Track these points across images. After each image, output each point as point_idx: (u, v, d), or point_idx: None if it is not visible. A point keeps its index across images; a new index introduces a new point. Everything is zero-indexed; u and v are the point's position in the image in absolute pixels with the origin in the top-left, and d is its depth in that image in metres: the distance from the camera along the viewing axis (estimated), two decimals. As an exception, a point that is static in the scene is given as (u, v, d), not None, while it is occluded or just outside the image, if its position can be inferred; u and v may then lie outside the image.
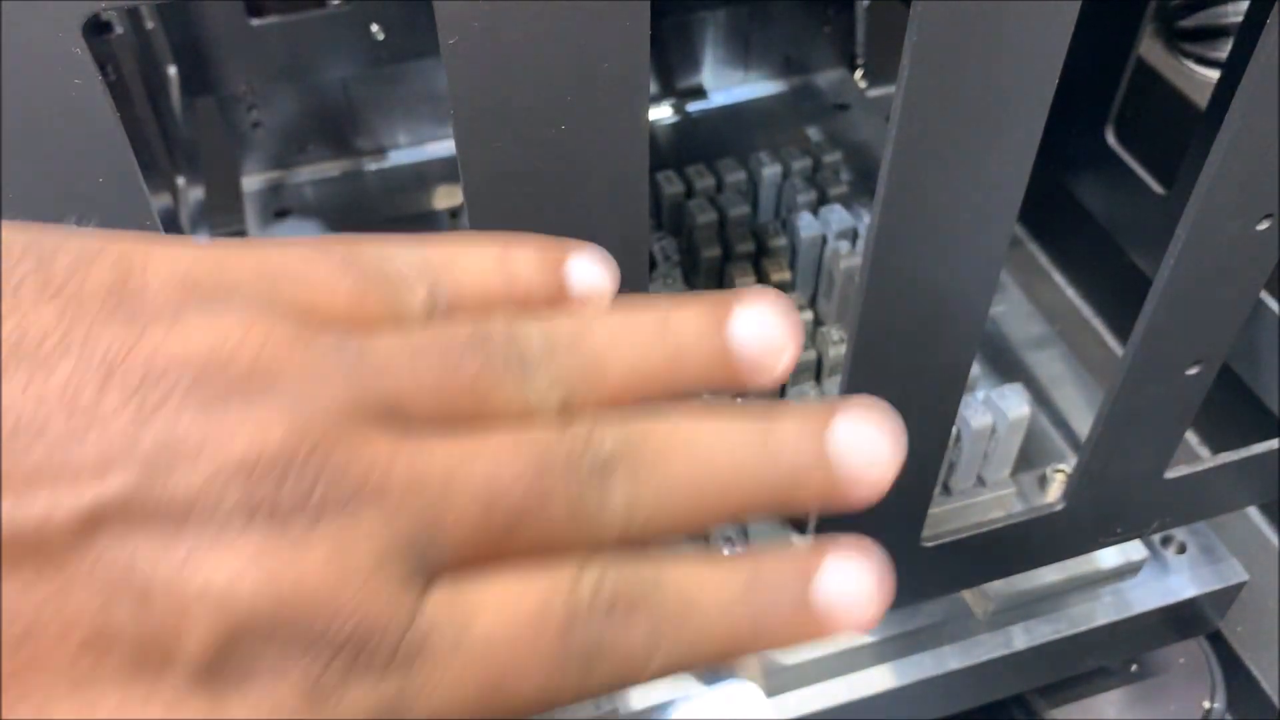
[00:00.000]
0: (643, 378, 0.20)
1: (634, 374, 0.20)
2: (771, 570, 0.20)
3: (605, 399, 0.19)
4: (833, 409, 0.20)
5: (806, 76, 0.88)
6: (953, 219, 0.34)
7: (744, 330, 0.20)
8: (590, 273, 0.22)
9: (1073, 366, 0.69)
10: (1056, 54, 0.30)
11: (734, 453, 0.20)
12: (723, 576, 0.20)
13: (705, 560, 0.20)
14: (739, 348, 0.20)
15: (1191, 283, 0.39)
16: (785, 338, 0.21)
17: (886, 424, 0.20)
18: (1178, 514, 0.54)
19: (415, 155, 0.81)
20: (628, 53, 0.26)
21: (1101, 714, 0.68)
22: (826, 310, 0.64)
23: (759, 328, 0.20)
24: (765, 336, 0.20)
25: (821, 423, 0.20)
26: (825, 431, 0.20)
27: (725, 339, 0.20)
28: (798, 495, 0.20)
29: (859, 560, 0.20)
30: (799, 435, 0.20)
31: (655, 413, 0.20)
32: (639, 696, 0.56)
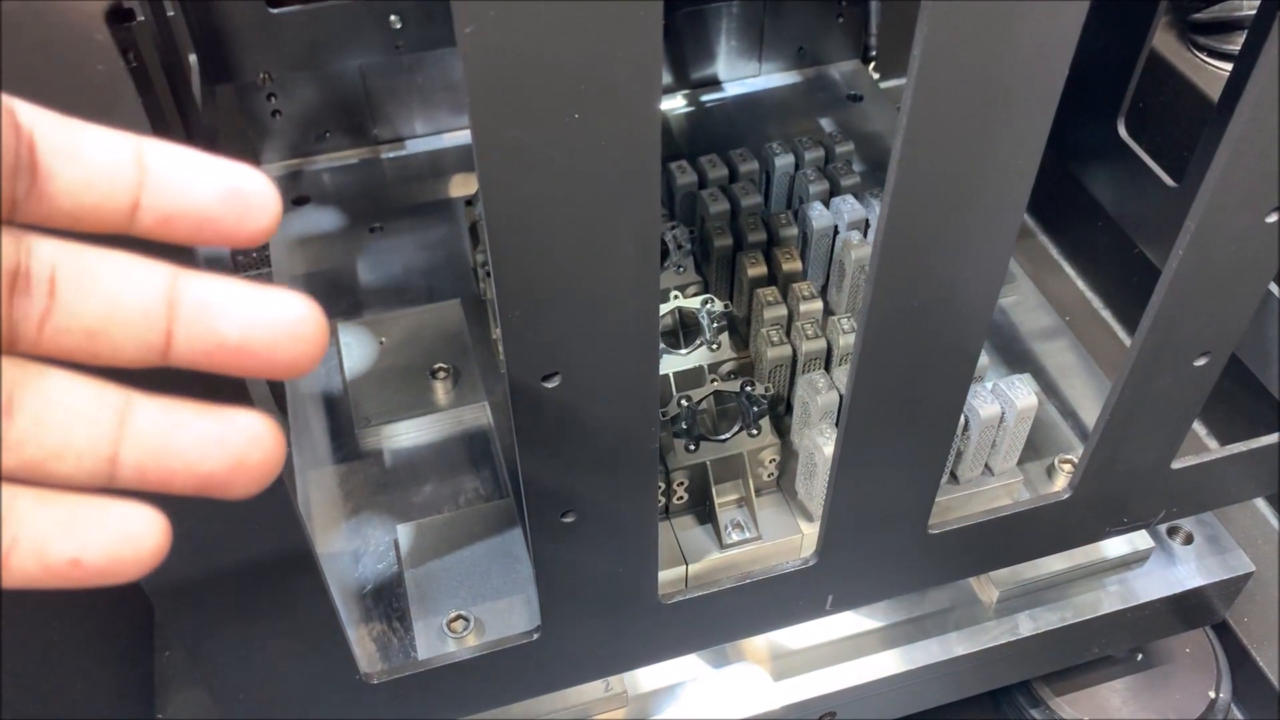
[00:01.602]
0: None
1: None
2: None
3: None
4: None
5: (820, 68, 0.88)
6: (963, 210, 0.34)
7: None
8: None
9: (1082, 357, 0.69)
10: (1067, 46, 0.31)
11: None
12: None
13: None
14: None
15: (1200, 274, 0.40)
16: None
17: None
18: (1185, 504, 0.54)
19: (432, 144, 0.82)
20: (641, 43, 0.27)
21: (1107, 702, 0.68)
22: (837, 300, 0.65)
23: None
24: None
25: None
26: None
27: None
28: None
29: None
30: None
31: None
32: (646, 679, 0.57)
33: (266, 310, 0.23)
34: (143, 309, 0.22)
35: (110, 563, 0.22)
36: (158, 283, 0.22)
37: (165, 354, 0.23)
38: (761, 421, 0.55)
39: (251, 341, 0.23)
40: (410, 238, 0.76)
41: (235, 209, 0.22)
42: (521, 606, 0.55)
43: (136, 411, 0.22)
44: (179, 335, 0.22)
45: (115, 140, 0.22)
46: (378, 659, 0.54)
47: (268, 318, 0.23)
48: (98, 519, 0.22)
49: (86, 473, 0.22)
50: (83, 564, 0.22)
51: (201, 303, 0.22)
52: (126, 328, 0.22)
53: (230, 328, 0.22)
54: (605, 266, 0.31)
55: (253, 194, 0.22)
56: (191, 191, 0.22)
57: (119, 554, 0.22)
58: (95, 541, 0.22)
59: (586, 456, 0.38)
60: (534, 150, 0.28)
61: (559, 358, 0.34)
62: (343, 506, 0.61)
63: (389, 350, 0.66)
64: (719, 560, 0.55)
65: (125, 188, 0.22)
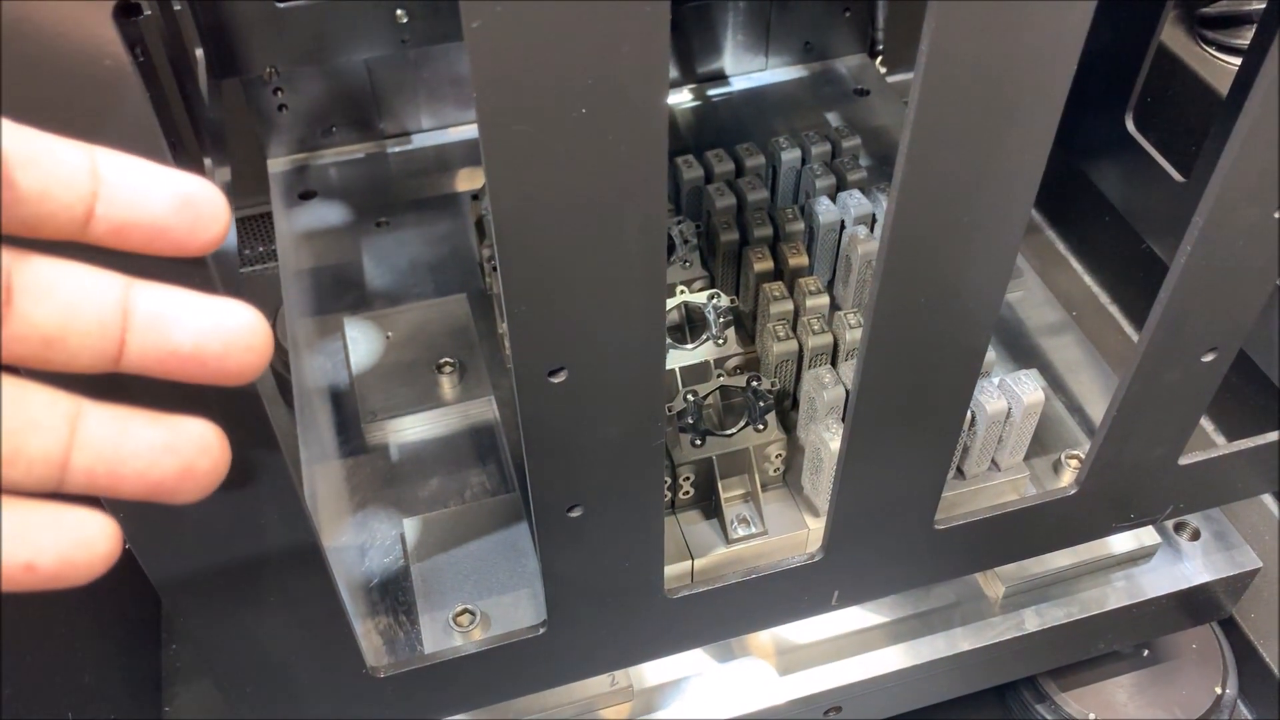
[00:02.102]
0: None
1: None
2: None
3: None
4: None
5: (826, 62, 0.88)
6: (970, 205, 0.34)
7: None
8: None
9: (1088, 353, 0.69)
10: (1075, 42, 0.31)
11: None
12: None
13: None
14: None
15: (1208, 270, 0.40)
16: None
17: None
18: (1191, 500, 0.54)
19: (438, 138, 0.82)
20: (648, 37, 0.27)
21: (1113, 698, 0.68)
22: (843, 295, 0.64)
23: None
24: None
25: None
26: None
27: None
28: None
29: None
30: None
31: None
32: (652, 673, 0.57)
33: (218, 320, 0.23)
34: (99, 318, 0.22)
35: (63, 568, 0.23)
36: (113, 292, 0.23)
37: (118, 361, 0.23)
38: (767, 417, 0.55)
39: (204, 351, 0.23)
40: (416, 232, 0.76)
41: (187, 219, 0.23)
42: (527, 601, 0.55)
43: (88, 419, 0.23)
44: (132, 344, 0.23)
45: (71, 149, 0.22)
46: (384, 653, 0.54)
47: (220, 327, 0.23)
48: (52, 525, 0.23)
49: (36, 479, 0.22)
50: (37, 569, 0.22)
51: (155, 313, 0.23)
52: (82, 337, 0.22)
53: (183, 337, 0.23)
54: (611, 261, 0.32)
55: (204, 204, 0.23)
56: (145, 202, 0.22)
57: (72, 559, 0.23)
58: (49, 547, 0.22)
59: (592, 451, 0.38)
60: (540, 145, 0.28)
61: (565, 352, 0.34)
62: (349, 500, 0.61)
63: (395, 345, 0.66)
64: (725, 555, 0.55)
65: (80, 197, 0.22)
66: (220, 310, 0.23)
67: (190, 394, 0.24)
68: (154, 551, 0.36)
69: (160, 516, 0.35)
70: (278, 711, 0.45)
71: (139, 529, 0.35)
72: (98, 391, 0.23)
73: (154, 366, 0.23)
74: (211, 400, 0.26)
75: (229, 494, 0.35)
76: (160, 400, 0.24)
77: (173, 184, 0.23)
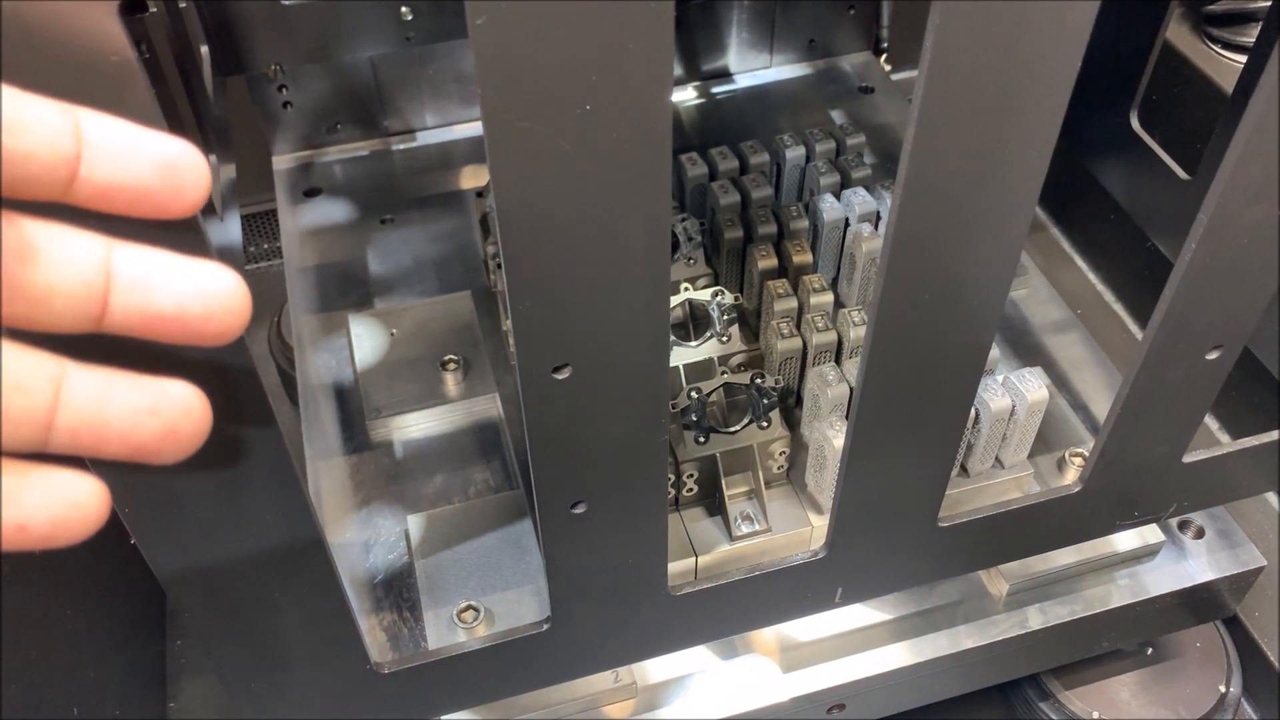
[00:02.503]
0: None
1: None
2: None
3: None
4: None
5: (831, 59, 0.88)
6: (974, 202, 0.34)
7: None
8: None
9: (1093, 350, 0.69)
10: (1079, 40, 0.31)
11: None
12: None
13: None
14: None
15: (1213, 267, 0.40)
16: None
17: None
18: (1195, 498, 0.54)
19: (443, 135, 0.82)
20: (652, 35, 0.27)
21: (1116, 696, 0.68)
22: (847, 292, 0.64)
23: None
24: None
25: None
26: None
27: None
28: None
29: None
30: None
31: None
32: (656, 670, 0.57)
33: (200, 283, 0.23)
34: (83, 280, 0.23)
35: (55, 529, 0.23)
36: (96, 253, 0.23)
37: (100, 321, 0.23)
38: (771, 414, 0.55)
39: (186, 313, 0.23)
40: (421, 229, 0.76)
41: (170, 183, 0.23)
42: (531, 597, 0.55)
43: (72, 380, 0.23)
44: (115, 305, 0.23)
45: (55, 111, 0.22)
46: (388, 649, 0.54)
47: (202, 290, 0.23)
48: (43, 488, 0.23)
49: (21, 440, 0.23)
50: (29, 531, 0.23)
51: (139, 275, 0.23)
52: (67, 298, 0.22)
53: (166, 300, 0.23)
54: (616, 258, 0.32)
55: (186, 167, 0.23)
56: (128, 165, 0.22)
57: (64, 521, 0.23)
58: (42, 510, 0.23)
59: (596, 448, 0.38)
60: (545, 142, 0.28)
61: (569, 349, 0.34)
62: (353, 497, 0.61)
63: (399, 342, 0.67)
64: (728, 552, 0.55)
65: (64, 160, 0.22)
66: (202, 273, 0.23)
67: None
68: (159, 547, 0.36)
69: (165, 512, 0.35)
70: (282, 707, 0.45)
71: (144, 524, 0.35)
72: (78, 352, 0.23)
73: (136, 327, 0.23)
74: (215, 399, 0.26)
75: (233, 490, 0.35)
76: (147, 365, 0.24)
77: (156, 147, 0.23)
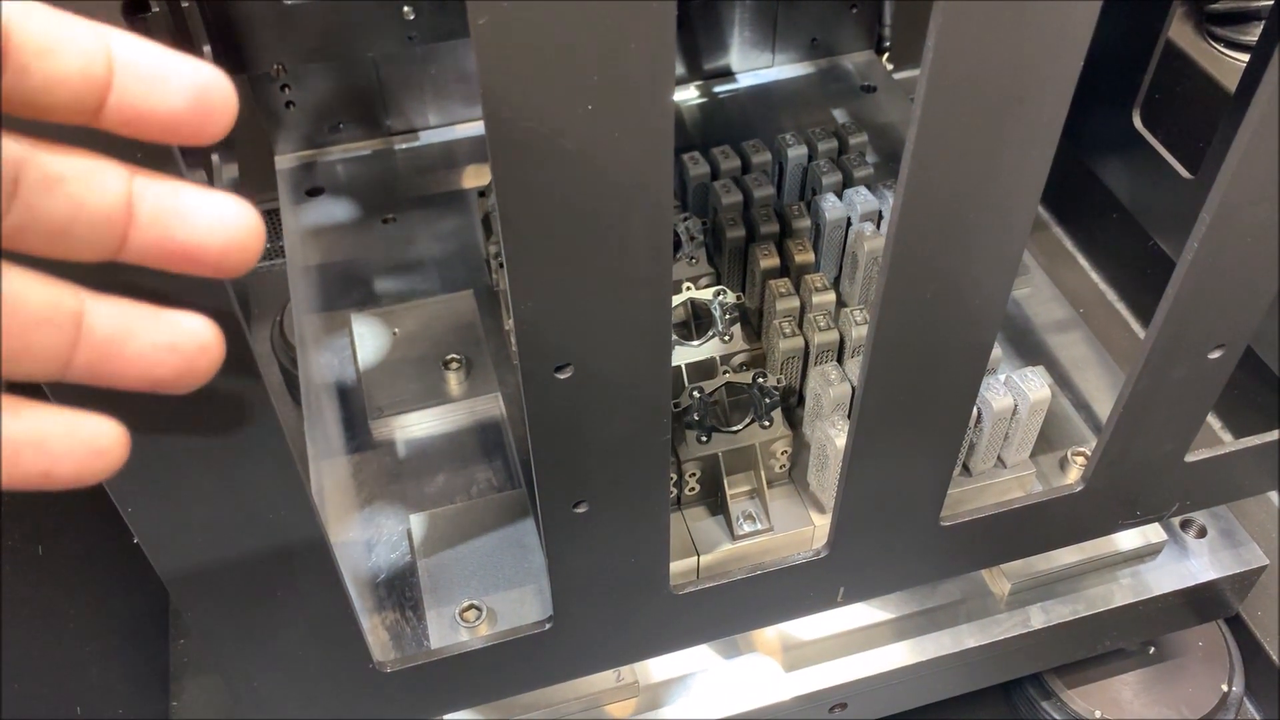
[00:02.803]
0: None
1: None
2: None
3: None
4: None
5: (833, 58, 0.88)
6: (976, 202, 0.34)
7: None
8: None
9: (1095, 349, 0.69)
10: (1082, 38, 0.31)
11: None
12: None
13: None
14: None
15: (1215, 267, 0.40)
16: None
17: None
18: (1198, 498, 0.54)
19: (445, 135, 0.82)
20: (654, 34, 0.27)
21: (1119, 695, 0.68)
22: (850, 291, 0.64)
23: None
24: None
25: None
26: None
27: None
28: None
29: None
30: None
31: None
32: (658, 669, 0.57)
33: (220, 215, 0.23)
34: (105, 212, 0.23)
35: (79, 474, 0.23)
36: (118, 185, 0.23)
37: (119, 252, 0.23)
38: (773, 413, 0.55)
39: (205, 246, 0.23)
40: (423, 229, 0.76)
41: (200, 111, 0.23)
42: (533, 596, 0.55)
43: (92, 314, 0.23)
44: (135, 237, 0.23)
45: (89, 34, 0.22)
46: (390, 648, 0.54)
47: (222, 223, 0.23)
48: (68, 434, 0.23)
49: (42, 371, 0.23)
50: (53, 475, 0.23)
51: (159, 206, 0.23)
52: (88, 229, 0.22)
53: (187, 234, 0.23)
54: (618, 258, 0.32)
55: (217, 94, 0.23)
56: (161, 94, 0.22)
57: (88, 466, 0.23)
58: (67, 456, 0.23)
59: (599, 447, 0.38)
60: (547, 142, 0.28)
61: (571, 349, 0.34)
62: (356, 496, 0.61)
63: (402, 341, 0.67)
64: (730, 551, 0.55)
65: (97, 87, 0.22)
66: (221, 204, 0.23)
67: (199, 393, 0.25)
68: (161, 546, 0.36)
69: (167, 512, 0.35)
70: (284, 706, 0.45)
71: (146, 524, 0.35)
72: (89, 282, 0.23)
73: (154, 259, 0.23)
74: (217, 399, 0.26)
75: (236, 489, 0.35)
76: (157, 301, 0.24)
77: (188, 74, 0.22)
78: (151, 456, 0.33)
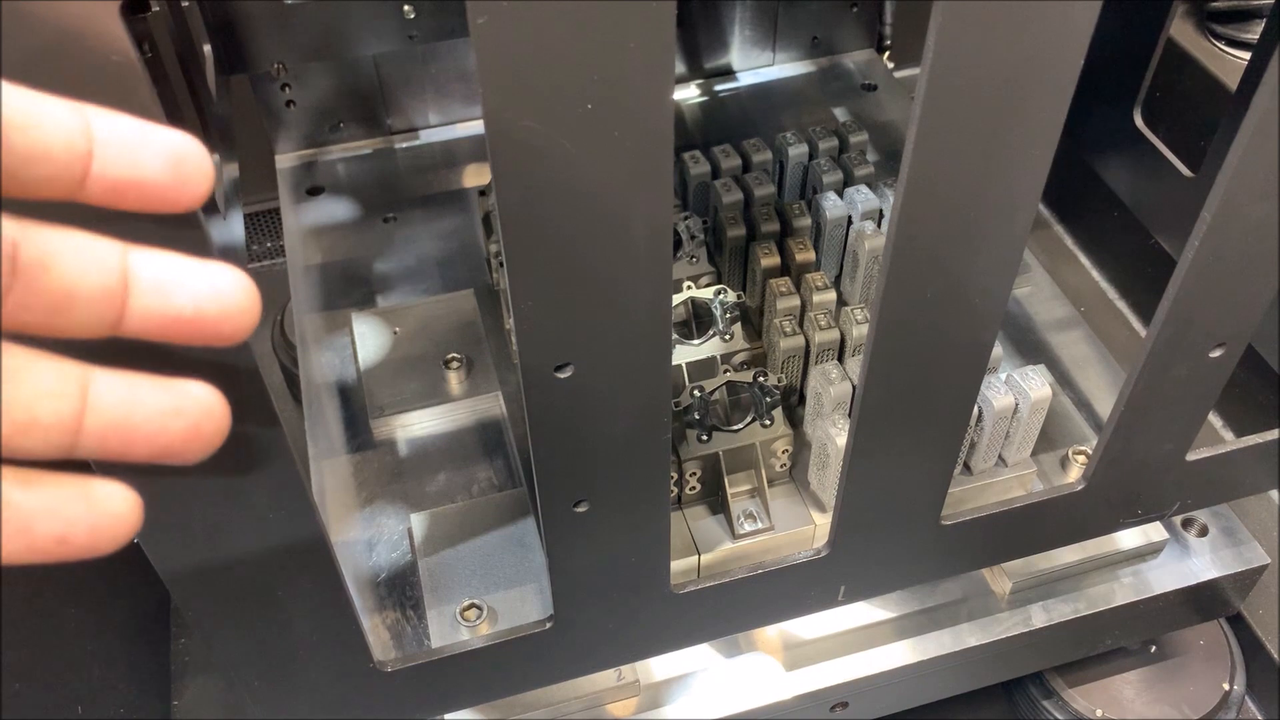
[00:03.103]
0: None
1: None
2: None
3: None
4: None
5: (834, 57, 0.88)
6: (977, 200, 0.34)
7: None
8: None
9: (1096, 348, 0.69)
10: (1082, 37, 0.30)
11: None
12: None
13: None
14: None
15: (1216, 265, 0.39)
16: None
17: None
18: (1199, 496, 0.54)
19: (446, 134, 0.82)
20: (654, 33, 0.27)
21: (1120, 694, 0.68)
22: (850, 290, 0.64)
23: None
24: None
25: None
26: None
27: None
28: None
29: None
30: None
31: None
32: (658, 668, 0.57)
33: (215, 284, 0.24)
34: (102, 285, 0.23)
35: (94, 540, 0.23)
36: (113, 258, 0.23)
37: (118, 326, 0.23)
38: (774, 412, 0.55)
39: (202, 314, 0.24)
40: (424, 228, 0.76)
41: (177, 176, 0.23)
42: (534, 596, 0.55)
43: (97, 384, 0.23)
44: (134, 309, 0.23)
45: (66, 110, 0.22)
46: (391, 647, 0.54)
47: (217, 290, 0.24)
48: (81, 499, 0.23)
49: (53, 446, 0.23)
50: (69, 542, 0.23)
51: (155, 277, 0.23)
52: (88, 304, 0.23)
53: (185, 302, 0.23)
54: (618, 257, 0.32)
55: (192, 160, 0.23)
56: (138, 160, 0.23)
57: (103, 531, 0.23)
58: (81, 521, 0.23)
59: (599, 447, 0.38)
60: (547, 141, 0.28)
61: (572, 348, 0.34)
62: (357, 495, 0.61)
63: (403, 340, 0.67)
64: (731, 550, 0.55)
65: (77, 158, 0.22)
66: (216, 274, 0.24)
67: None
68: (162, 545, 0.36)
69: (168, 511, 0.35)
70: (285, 706, 0.45)
71: (147, 524, 0.35)
72: (88, 357, 0.24)
73: (154, 330, 0.24)
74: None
75: (237, 489, 0.35)
76: (155, 367, 0.24)
77: (162, 141, 0.23)
78: (152, 456, 0.33)
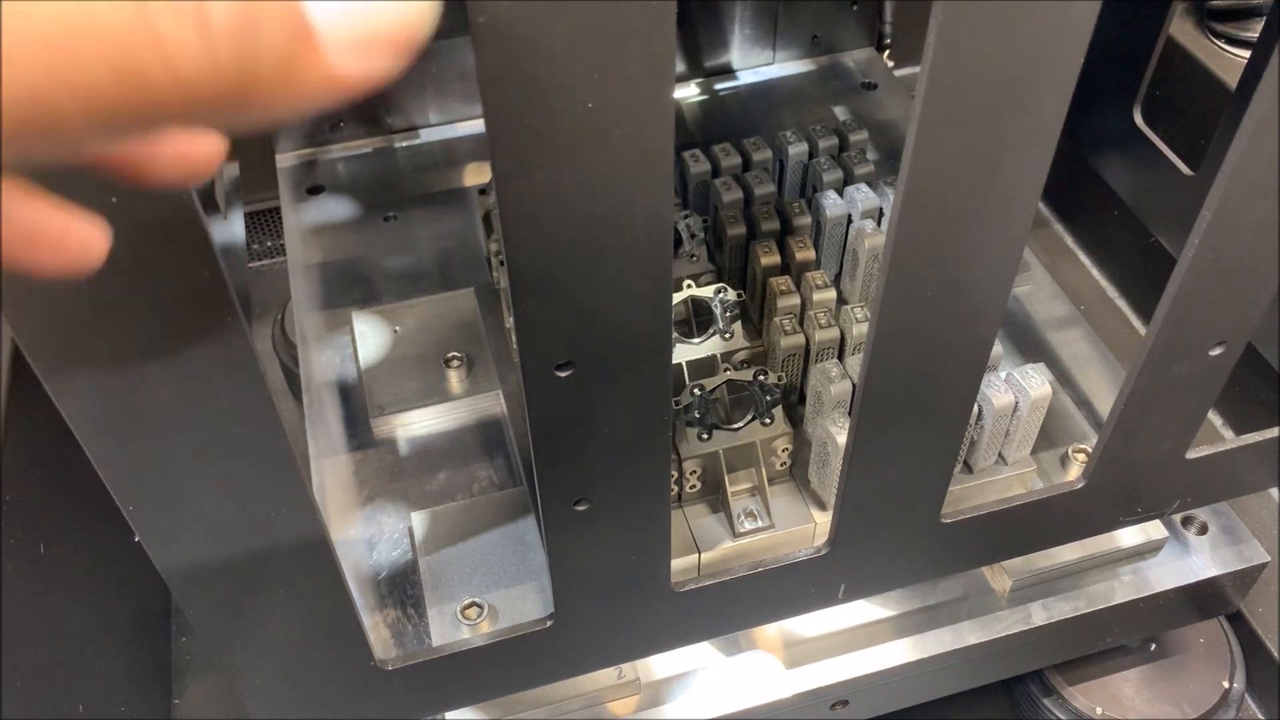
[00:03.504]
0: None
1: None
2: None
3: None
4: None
5: (834, 56, 0.88)
6: (977, 198, 0.34)
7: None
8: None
9: (1096, 346, 0.69)
10: (1082, 34, 0.30)
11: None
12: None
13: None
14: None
15: (1216, 263, 0.40)
16: None
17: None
18: (1199, 494, 0.54)
19: (446, 133, 0.82)
20: (654, 32, 0.27)
21: (1120, 692, 0.68)
22: (850, 289, 0.64)
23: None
24: None
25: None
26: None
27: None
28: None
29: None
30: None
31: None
32: (659, 666, 0.57)
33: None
34: None
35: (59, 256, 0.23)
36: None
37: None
38: (774, 410, 0.55)
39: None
40: (424, 227, 0.76)
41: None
42: (535, 594, 0.55)
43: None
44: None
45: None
46: (392, 646, 0.54)
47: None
48: (52, 208, 0.23)
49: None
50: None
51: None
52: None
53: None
54: (618, 255, 0.32)
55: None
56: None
57: (70, 247, 0.23)
58: (48, 225, 0.23)
59: (600, 445, 0.38)
60: (547, 140, 0.28)
61: (572, 347, 0.34)
62: (357, 494, 0.61)
63: (403, 339, 0.67)
64: (731, 549, 0.55)
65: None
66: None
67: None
68: (163, 544, 0.36)
69: (169, 510, 0.35)
70: (285, 704, 0.45)
71: (148, 522, 0.35)
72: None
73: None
74: (218, 397, 0.26)
75: (237, 487, 0.35)
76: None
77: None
78: (153, 454, 0.33)
